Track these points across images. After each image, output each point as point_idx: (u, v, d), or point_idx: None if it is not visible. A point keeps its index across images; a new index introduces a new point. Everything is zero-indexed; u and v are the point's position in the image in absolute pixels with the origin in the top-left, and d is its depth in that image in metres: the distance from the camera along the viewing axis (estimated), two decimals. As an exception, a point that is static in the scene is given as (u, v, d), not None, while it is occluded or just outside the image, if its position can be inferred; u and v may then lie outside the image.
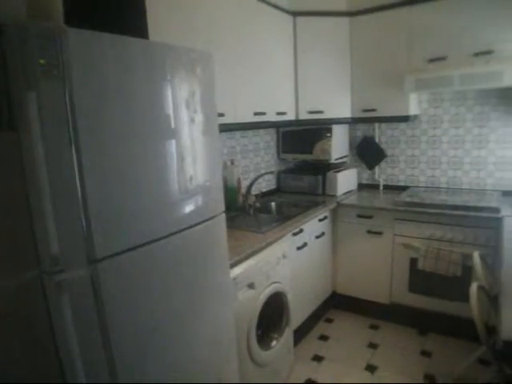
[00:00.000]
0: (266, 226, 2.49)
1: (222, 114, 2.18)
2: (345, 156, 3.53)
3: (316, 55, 3.07)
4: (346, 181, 3.41)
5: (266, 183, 3.48)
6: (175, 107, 1.43)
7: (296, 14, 2.97)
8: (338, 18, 3.06)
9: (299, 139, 3.43)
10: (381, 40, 2.99)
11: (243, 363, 2.00)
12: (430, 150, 3.28)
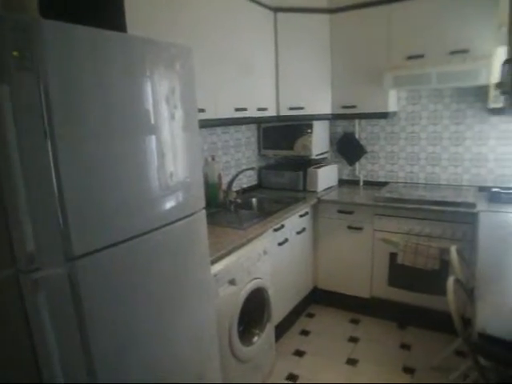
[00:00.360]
0: (247, 222, 2.49)
1: (202, 110, 2.16)
2: (325, 152, 3.56)
3: (297, 51, 3.08)
4: (326, 177, 3.44)
5: (247, 179, 3.48)
6: (155, 102, 1.41)
7: (277, 9, 2.97)
8: (319, 15, 3.08)
9: (280, 135, 3.44)
10: (361, 37, 3.02)
11: (225, 359, 2.00)
12: (409, 147, 3.34)
